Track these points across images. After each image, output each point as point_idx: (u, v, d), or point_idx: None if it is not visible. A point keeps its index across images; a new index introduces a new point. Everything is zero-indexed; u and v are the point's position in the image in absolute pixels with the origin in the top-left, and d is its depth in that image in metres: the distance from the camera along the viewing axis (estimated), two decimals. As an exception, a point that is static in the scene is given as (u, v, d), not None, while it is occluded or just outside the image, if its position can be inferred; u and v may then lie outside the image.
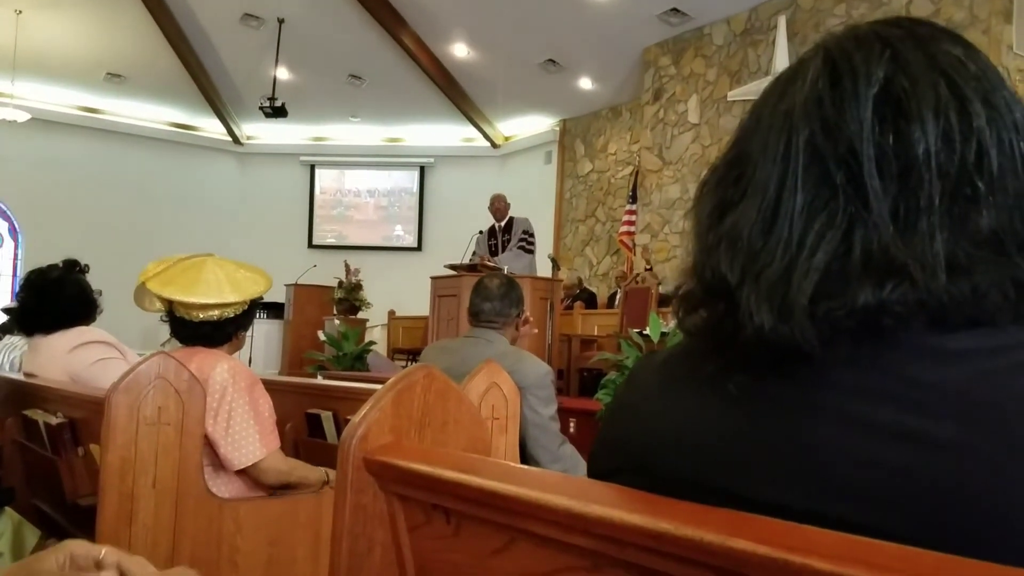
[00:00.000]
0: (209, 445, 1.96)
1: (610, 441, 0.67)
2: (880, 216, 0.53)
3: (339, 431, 2.51)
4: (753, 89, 8.42)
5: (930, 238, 0.52)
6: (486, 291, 2.59)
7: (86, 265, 2.64)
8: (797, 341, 0.52)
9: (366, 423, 0.76)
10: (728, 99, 8.70)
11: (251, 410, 1.99)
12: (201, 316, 2.07)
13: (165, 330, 2.17)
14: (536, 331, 2.67)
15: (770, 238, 0.55)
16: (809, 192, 0.55)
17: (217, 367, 1.99)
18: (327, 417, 2.56)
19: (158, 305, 2.11)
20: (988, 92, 0.55)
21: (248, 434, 1.97)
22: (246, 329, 2.19)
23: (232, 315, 2.11)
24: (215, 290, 2.07)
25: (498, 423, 1.99)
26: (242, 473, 2.02)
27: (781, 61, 8.08)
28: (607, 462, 0.66)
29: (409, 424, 0.78)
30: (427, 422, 0.79)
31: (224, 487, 2.00)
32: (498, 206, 7.13)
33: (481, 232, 7.20)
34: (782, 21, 8.07)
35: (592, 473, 0.67)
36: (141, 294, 2.10)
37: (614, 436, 0.67)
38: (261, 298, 2.20)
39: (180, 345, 2.14)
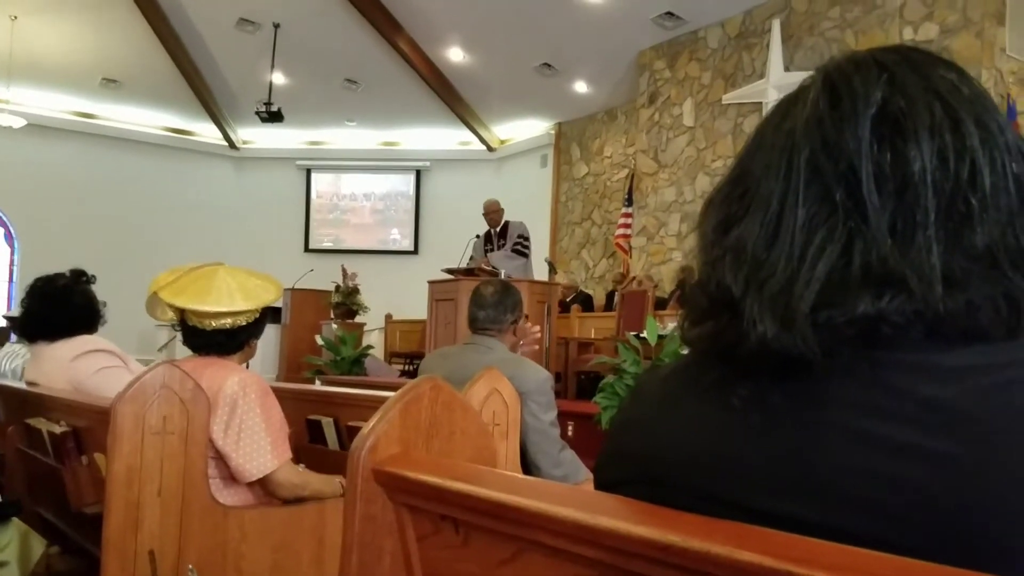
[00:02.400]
0: (220, 458, 1.97)
1: (616, 453, 0.68)
2: (879, 230, 0.54)
3: (340, 437, 2.52)
4: (748, 92, 8.45)
5: (927, 251, 0.53)
6: (480, 298, 2.60)
7: (93, 276, 2.64)
8: (799, 349, 0.53)
9: (375, 434, 0.77)
10: (723, 102, 8.72)
11: (263, 421, 1.99)
12: (214, 324, 2.07)
13: (161, 336, 2.18)
14: (538, 337, 2.67)
15: (773, 251, 0.56)
16: (810, 207, 0.56)
17: (228, 380, 1.98)
18: (328, 423, 2.56)
19: (170, 315, 2.10)
20: (981, 114, 0.56)
21: (260, 445, 1.97)
22: (258, 337, 2.19)
23: (244, 323, 2.11)
24: (227, 298, 2.07)
25: (499, 429, 1.99)
26: (254, 487, 2.02)
27: (776, 64, 8.11)
28: (614, 473, 0.67)
29: (417, 435, 0.79)
30: (434, 433, 0.80)
31: (236, 499, 2.00)
32: (493, 215, 7.10)
33: (478, 236, 7.21)
34: (776, 24, 8.09)
35: (599, 484, 0.68)
36: (153, 304, 2.10)
37: (620, 448, 0.67)
38: (271, 306, 2.21)
39: (183, 352, 2.15)
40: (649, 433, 0.64)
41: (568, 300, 9.18)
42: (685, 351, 0.67)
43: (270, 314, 2.23)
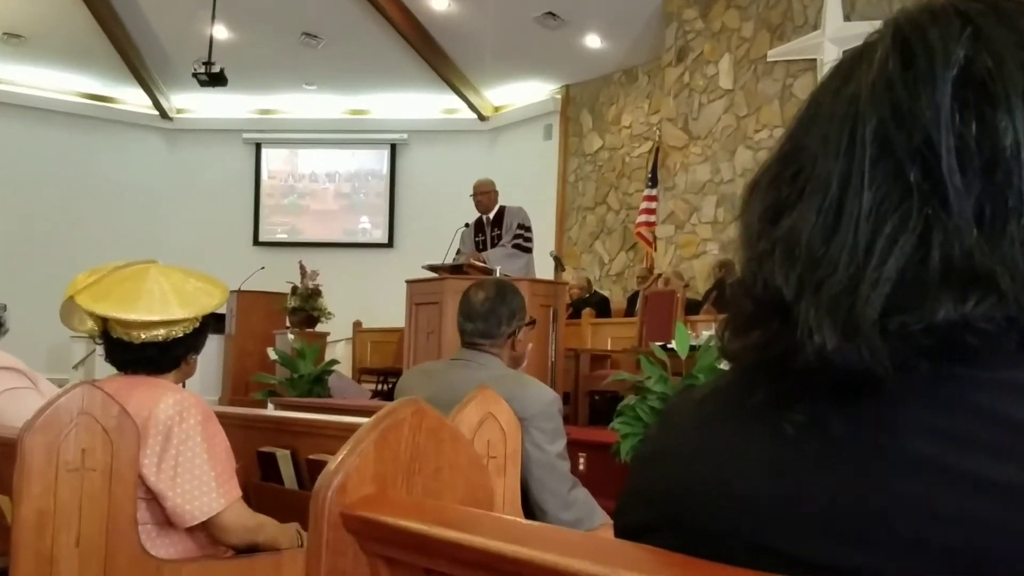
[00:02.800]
0: (153, 499, 1.97)
1: (641, 492, 0.68)
2: (962, 217, 0.54)
3: (299, 474, 2.52)
4: (799, 47, 8.47)
5: (1021, 244, 0.53)
6: (469, 307, 2.59)
7: None
8: (866, 363, 0.54)
9: (344, 471, 0.77)
10: (768, 59, 8.74)
11: (205, 452, 1.98)
12: (144, 336, 2.07)
13: (78, 350, 2.18)
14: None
15: (833, 243, 0.56)
16: (878, 190, 0.56)
17: (161, 402, 1.98)
18: (284, 456, 2.56)
19: (89, 324, 2.10)
20: None
21: (202, 481, 1.96)
22: (198, 351, 2.19)
23: (181, 334, 2.10)
24: (160, 304, 2.06)
25: (495, 463, 1.99)
26: (197, 531, 2.02)
27: (833, 13, 8.13)
28: (637, 517, 0.67)
29: (396, 471, 0.79)
30: (417, 468, 0.80)
31: (173, 550, 2.00)
32: (481, 198, 7.05)
33: (467, 225, 7.20)
34: (833, -37, 8.12)
35: (620, 531, 0.68)
36: (69, 311, 2.10)
37: (645, 486, 0.68)
38: (214, 313, 2.20)
39: (105, 370, 2.15)
40: (682, 468, 0.64)
41: (578, 303, 9.18)
42: (725, 366, 0.68)
43: (212, 323, 2.24)
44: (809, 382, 0.57)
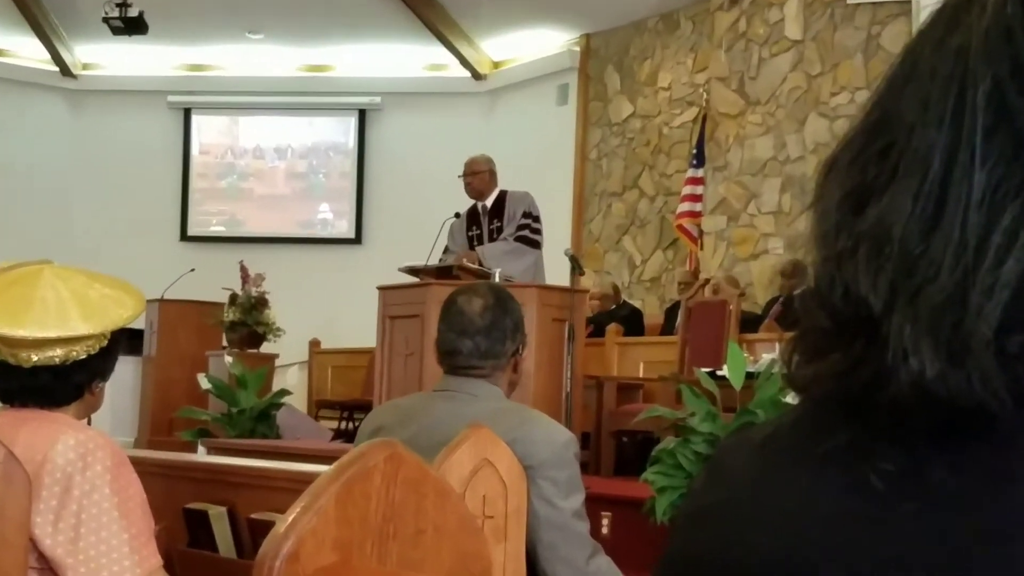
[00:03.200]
0: (47, 569, 1.96)
1: (687, 560, 0.68)
2: None
3: (238, 537, 2.53)
4: (888, -15, 8.48)
5: None
6: (461, 318, 2.59)
7: None
8: (976, 395, 0.54)
9: (297, 534, 0.77)
10: (848, 1, 8.75)
11: (116, 508, 1.99)
12: (36, 359, 2.07)
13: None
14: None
15: (934, 239, 0.56)
16: (993, 170, 0.56)
17: (59, 442, 1.98)
18: (218, 515, 2.57)
19: None
20: None
21: (113, 546, 1.97)
22: (106, 377, 2.19)
23: (84, 355, 2.11)
24: (56, 316, 2.07)
25: (493, 524, 1.99)
26: None
27: (932, -60, 8.14)
28: (681, 593, 0.67)
29: (364, 535, 0.79)
30: (392, 531, 0.80)
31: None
32: (472, 179, 7.03)
33: (458, 216, 7.21)
34: None
35: (657, 612, 0.69)
36: None
37: (691, 555, 0.68)
38: (127, 328, 2.22)
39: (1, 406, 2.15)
40: (738, 531, 0.64)
41: (601, 317, 9.18)
42: (792, 400, 0.68)
43: (125, 341, 2.25)
44: (903, 420, 0.57)
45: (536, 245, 6.90)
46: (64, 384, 2.12)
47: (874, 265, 0.58)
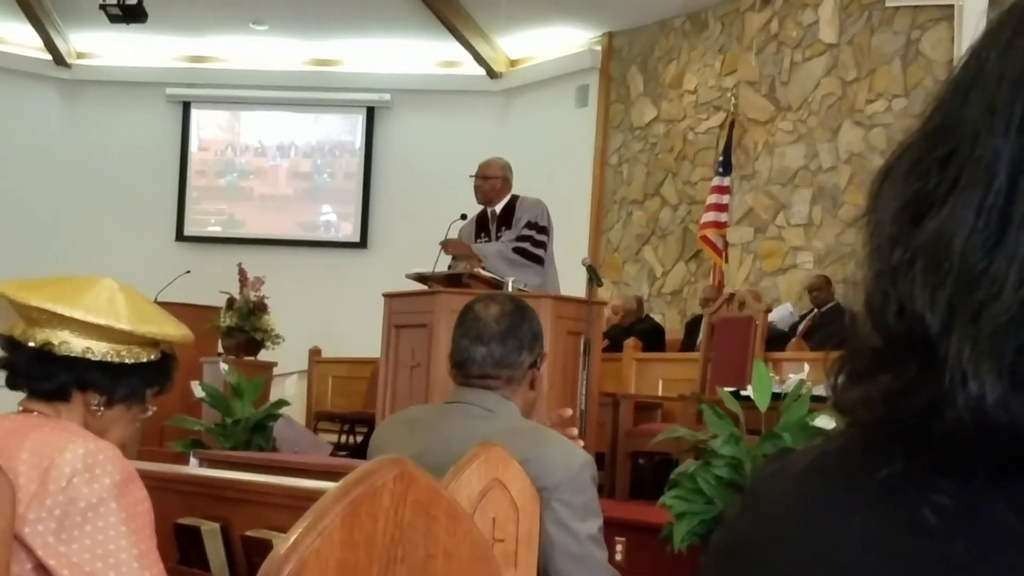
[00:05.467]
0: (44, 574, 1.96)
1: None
2: None
3: (232, 556, 2.53)
4: (929, -13, 8.46)
5: None
6: (477, 324, 2.60)
7: None
8: None
9: (299, 556, 0.76)
10: (886, 4, 8.74)
11: (124, 524, 1.99)
12: (58, 342, 2.11)
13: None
14: (573, 431, 2.73)
15: (998, 255, 0.56)
16: None
17: (68, 450, 1.98)
18: (211, 532, 2.56)
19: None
20: None
21: (122, 560, 1.96)
22: (111, 398, 2.18)
23: (115, 359, 2.15)
24: (108, 309, 2.12)
25: (503, 548, 1.98)
26: None
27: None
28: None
29: (370, 559, 0.78)
30: (400, 555, 0.79)
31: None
32: (482, 184, 7.00)
33: (464, 218, 7.21)
34: None
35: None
36: None
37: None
38: (174, 353, 2.31)
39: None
40: (780, 568, 0.63)
41: (618, 331, 9.17)
42: (822, 423, 0.67)
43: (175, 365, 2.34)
44: (960, 449, 0.56)
45: (535, 259, 6.80)
46: (43, 372, 2.14)
47: (932, 281, 0.58)
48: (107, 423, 2.21)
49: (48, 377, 2.15)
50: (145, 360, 2.20)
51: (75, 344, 2.12)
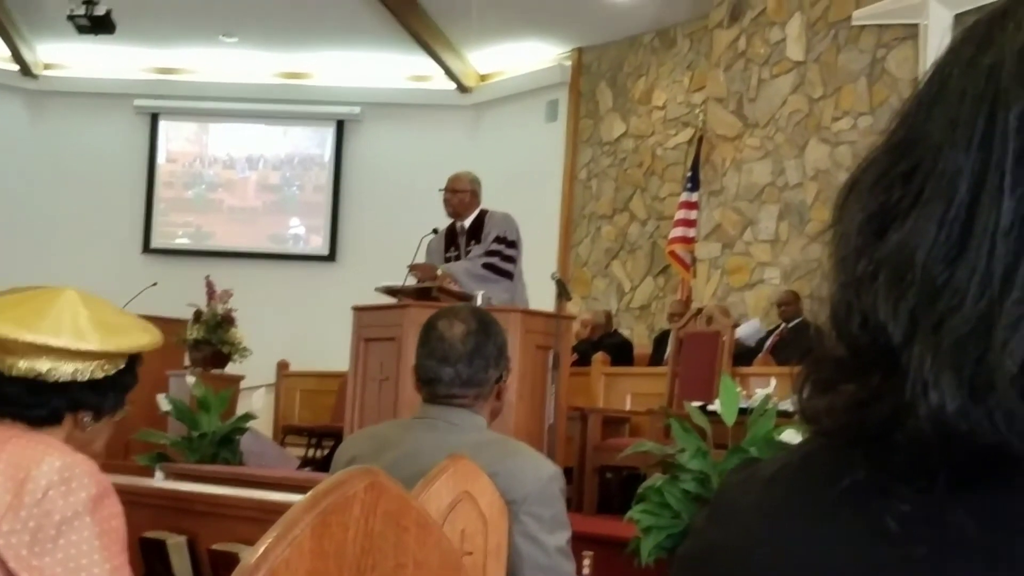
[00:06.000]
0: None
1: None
2: None
3: (197, 570, 2.52)
4: (894, 7, 8.54)
5: None
6: (442, 344, 2.58)
7: None
8: (1000, 433, 0.54)
9: (268, 566, 0.76)
10: (852, 22, 8.81)
11: (98, 539, 1.97)
12: (22, 367, 2.07)
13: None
14: None
15: (959, 267, 0.56)
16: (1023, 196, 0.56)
17: (44, 462, 1.97)
18: (177, 545, 2.56)
19: None
20: None
21: (95, 574, 1.95)
22: (98, 412, 2.17)
23: (99, 375, 2.13)
24: (71, 329, 2.09)
25: (472, 561, 1.98)
26: None
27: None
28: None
29: (340, 569, 0.78)
30: (370, 565, 0.79)
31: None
32: (451, 197, 6.97)
33: (435, 232, 7.20)
34: None
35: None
36: None
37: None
38: (141, 356, 2.25)
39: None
40: (746, 572, 0.64)
41: (587, 345, 9.18)
42: (788, 437, 0.67)
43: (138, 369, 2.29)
44: (921, 458, 0.56)
45: (505, 274, 6.80)
46: (37, 401, 2.12)
47: (895, 292, 0.58)
48: (93, 435, 2.22)
49: (41, 404, 2.13)
50: (122, 366, 2.20)
51: (63, 369, 2.11)
